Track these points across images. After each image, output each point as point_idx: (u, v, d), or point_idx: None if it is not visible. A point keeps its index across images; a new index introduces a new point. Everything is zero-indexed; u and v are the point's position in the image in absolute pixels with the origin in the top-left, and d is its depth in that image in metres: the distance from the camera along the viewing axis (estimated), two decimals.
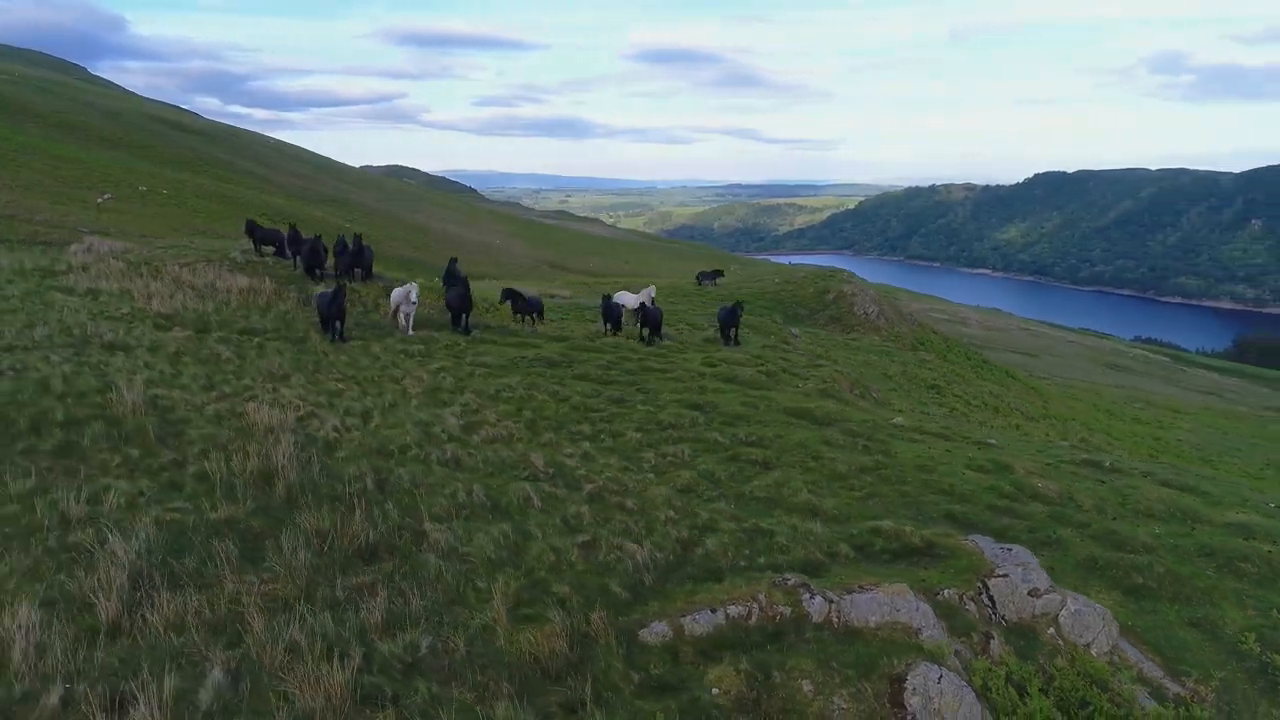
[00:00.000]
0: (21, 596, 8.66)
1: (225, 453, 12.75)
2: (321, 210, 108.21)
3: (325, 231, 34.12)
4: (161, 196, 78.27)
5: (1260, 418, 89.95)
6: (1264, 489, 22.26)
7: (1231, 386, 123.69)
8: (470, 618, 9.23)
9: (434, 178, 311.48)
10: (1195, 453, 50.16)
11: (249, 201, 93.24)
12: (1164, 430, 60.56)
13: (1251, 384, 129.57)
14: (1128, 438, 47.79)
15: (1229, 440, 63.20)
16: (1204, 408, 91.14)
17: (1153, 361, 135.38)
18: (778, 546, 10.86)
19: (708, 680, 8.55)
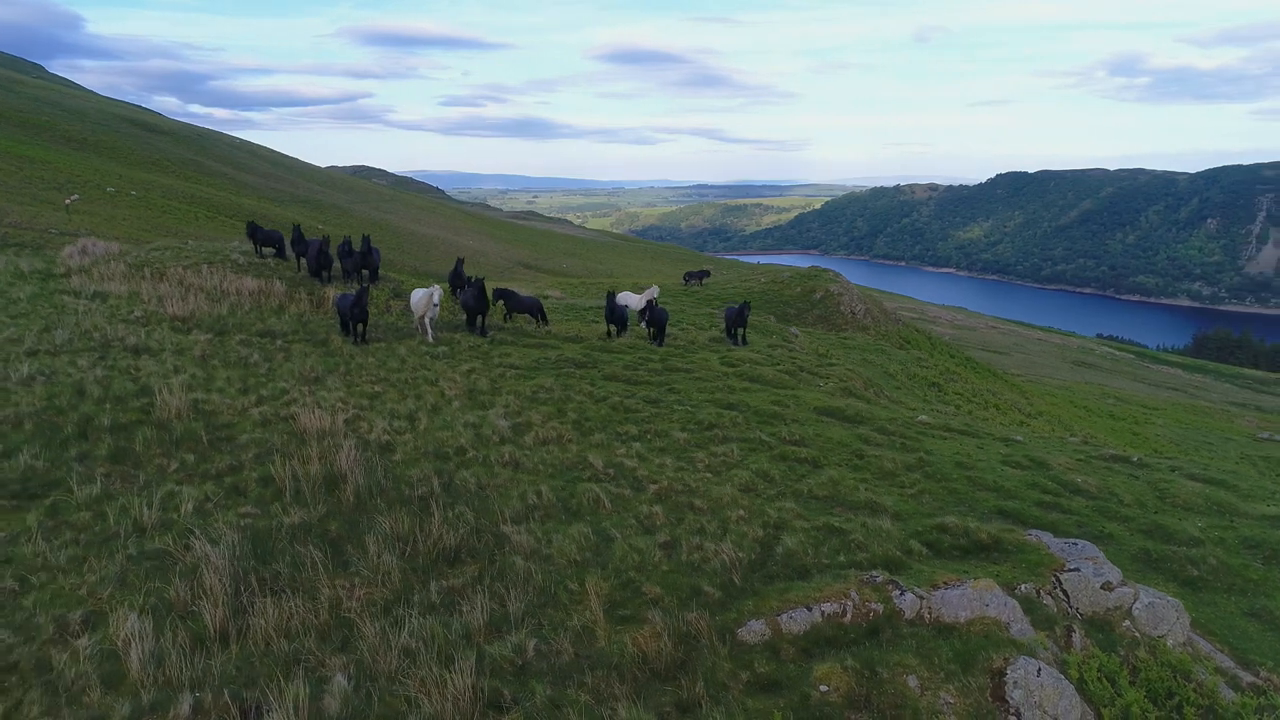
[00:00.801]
0: (120, 605, 8.52)
1: (281, 456, 12.63)
2: (293, 211, 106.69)
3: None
4: (130, 198, 76.80)
5: (1227, 412, 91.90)
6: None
7: (1195, 382, 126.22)
8: (567, 619, 9.22)
9: (400, 178, 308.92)
10: (1174, 448, 51.15)
11: (219, 203, 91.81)
12: (1140, 426, 61.64)
13: (1214, 380, 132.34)
14: (1109, 434, 48.60)
15: (1202, 435, 64.47)
16: (1172, 403, 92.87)
17: (1118, 358, 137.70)
18: (854, 544, 10.94)
19: (815, 677, 8.61)
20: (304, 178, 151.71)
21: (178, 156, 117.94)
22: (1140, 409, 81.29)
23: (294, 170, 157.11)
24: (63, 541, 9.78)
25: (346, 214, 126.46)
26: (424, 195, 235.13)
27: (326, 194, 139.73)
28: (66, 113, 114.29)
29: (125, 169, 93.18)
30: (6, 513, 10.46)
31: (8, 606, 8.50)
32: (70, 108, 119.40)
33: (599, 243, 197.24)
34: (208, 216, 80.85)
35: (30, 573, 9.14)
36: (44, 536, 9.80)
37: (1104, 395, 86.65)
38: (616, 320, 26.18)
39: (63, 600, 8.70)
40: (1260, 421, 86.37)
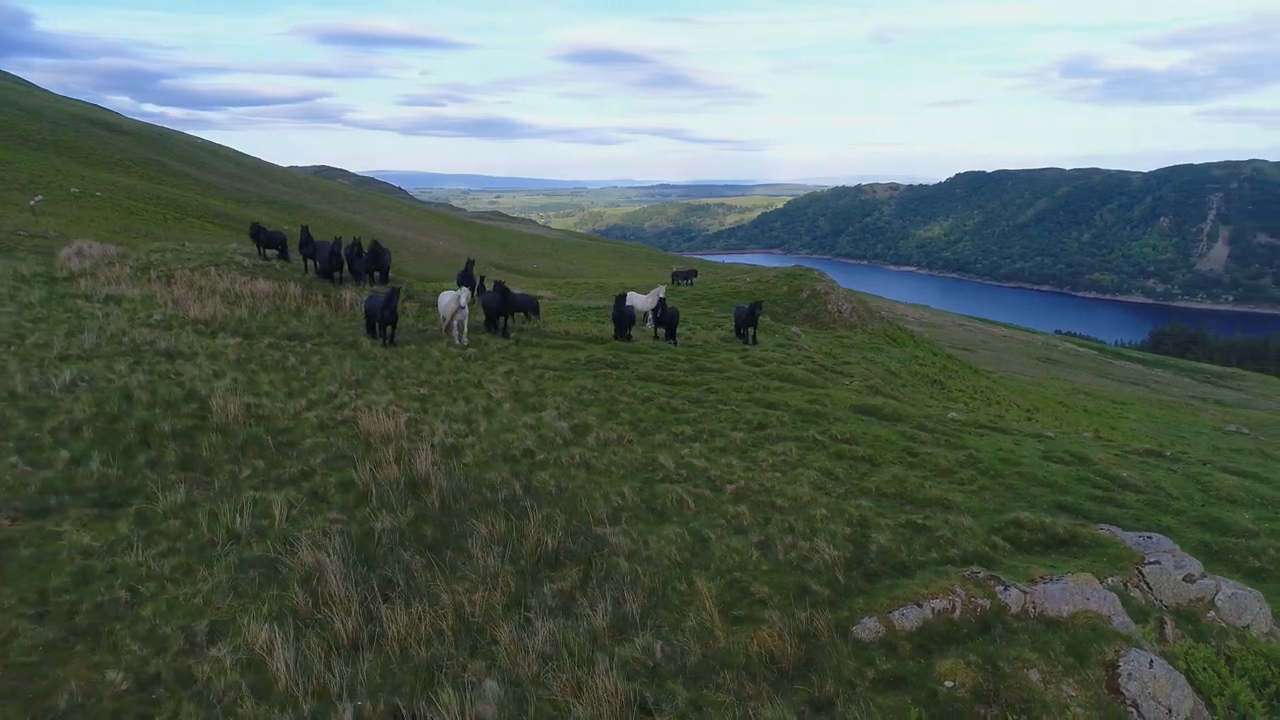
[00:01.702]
0: (243, 614, 8.40)
1: (352, 461, 12.52)
2: (259, 212, 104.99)
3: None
4: (95, 199, 75.25)
5: (1190, 406, 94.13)
6: None
7: (1155, 377, 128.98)
8: (682, 620, 9.24)
9: (362, 178, 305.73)
10: (1152, 442, 52.29)
11: (185, 203, 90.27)
12: (1116, 420, 62.87)
13: (1173, 374, 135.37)
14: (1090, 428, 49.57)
15: (1174, 429, 65.96)
16: (1138, 398, 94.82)
17: (1081, 355, 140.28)
18: (943, 541, 11.07)
19: (938, 673, 8.71)
20: (268, 178, 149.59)
21: (140, 157, 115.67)
22: (1110, 404, 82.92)
23: (257, 170, 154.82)
24: (160, 551, 9.59)
25: (313, 214, 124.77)
26: (388, 195, 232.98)
27: (292, 194, 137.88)
28: (23, 111, 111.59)
29: (88, 169, 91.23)
30: (92, 522, 10.23)
31: (127, 617, 8.33)
32: (26, 106, 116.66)
33: (567, 243, 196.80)
34: (175, 217, 79.49)
35: (138, 583, 8.95)
36: (141, 546, 9.59)
37: (1074, 391, 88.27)
38: (621, 321, 25.55)
39: (181, 610, 8.53)
40: (1223, 415, 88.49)
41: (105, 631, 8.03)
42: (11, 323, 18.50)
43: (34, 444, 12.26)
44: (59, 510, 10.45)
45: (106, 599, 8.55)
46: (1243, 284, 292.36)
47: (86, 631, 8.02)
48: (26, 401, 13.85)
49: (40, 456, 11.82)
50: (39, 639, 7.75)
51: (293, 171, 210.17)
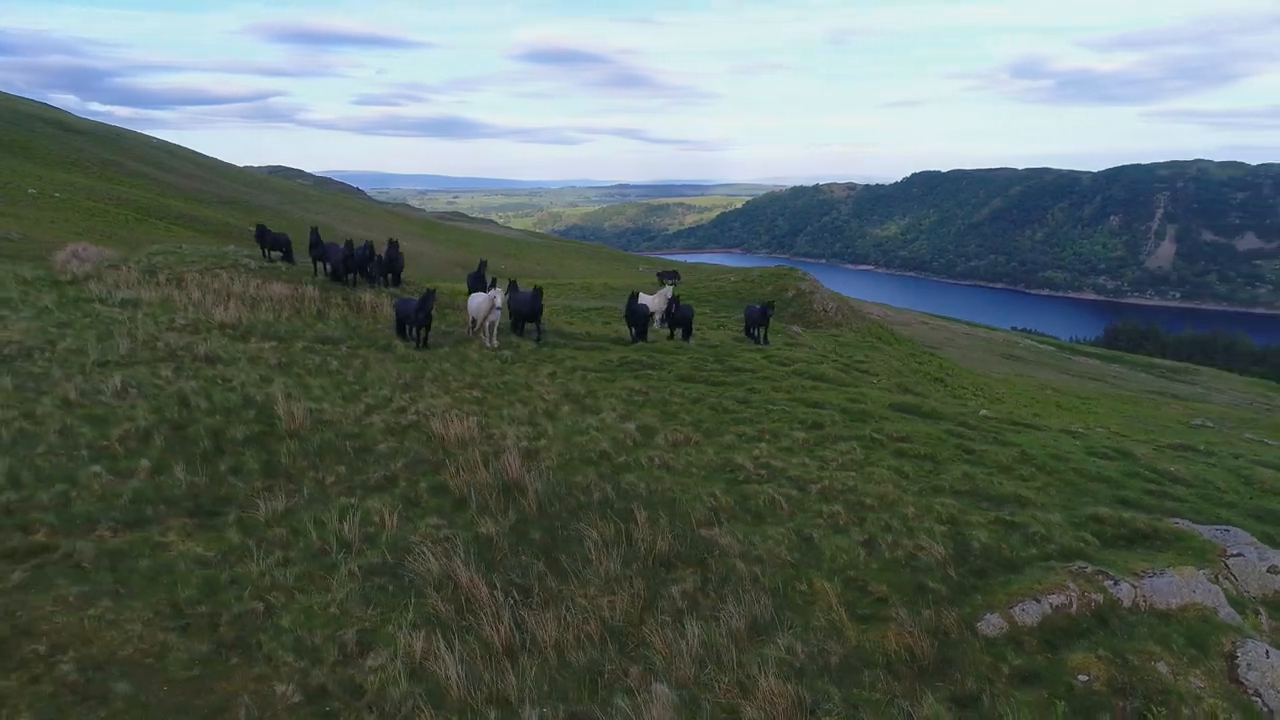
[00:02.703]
0: (387, 623, 8.29)
1: (428, 465, 12.41)
2: (221, 213, 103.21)
3: (234, 234, 31.95)
4: (54, 200, 73.43)
5: (1152, 400, 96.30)
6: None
7: (1113, 372, 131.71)
8: (810, 619, 9.29)
9: (319, 178, 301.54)
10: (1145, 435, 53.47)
11: (146, 204, 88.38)
12: (1087, 415, 64.31)
13: (1130, 370, 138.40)
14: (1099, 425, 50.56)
15: (1143, 424, 67.56)
16: (1101, 393, 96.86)
17: (1041, 351, 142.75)
18: (1037, 537, 11.23)
19: (1070, 667, 8.85)
20: (228, 178, 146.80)
21: (97, 157, 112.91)
22: (1077, 399, 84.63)
23: (217, 171, 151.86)
24: (276, 560, 9.43)
25: (278, 215, 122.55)
26: (348, 196, 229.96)
27: (253, 195, 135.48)
28: None
29: (44, 169, 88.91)
30: (196, 531, 10.03)
31: (268, 628, 8.17)
32: None
33: (530, 243, 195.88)
34: (137, 219, 77.90)
35: (265, 593, 8.79)
36: (257, 556, 9.41)
37: (1042, 387, 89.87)
38: (637, 321, 25.26)
39: (319, 620, 8.39)
40: (1184, 409, 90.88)
41: (254, 643, 7.87)
42: (36, 328, 17.99)
43: (107, 453, 11.97)
44: (157, 520, 10.23)
45: (242, 610, 8.38)
46: (1189, 281, 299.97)
47: (235, 644, 7.86)
48: (83, 409, 13.51)
49: (120, 465, 11.54)
50: (192, 652, 7.57)
51: (250, 172, 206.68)
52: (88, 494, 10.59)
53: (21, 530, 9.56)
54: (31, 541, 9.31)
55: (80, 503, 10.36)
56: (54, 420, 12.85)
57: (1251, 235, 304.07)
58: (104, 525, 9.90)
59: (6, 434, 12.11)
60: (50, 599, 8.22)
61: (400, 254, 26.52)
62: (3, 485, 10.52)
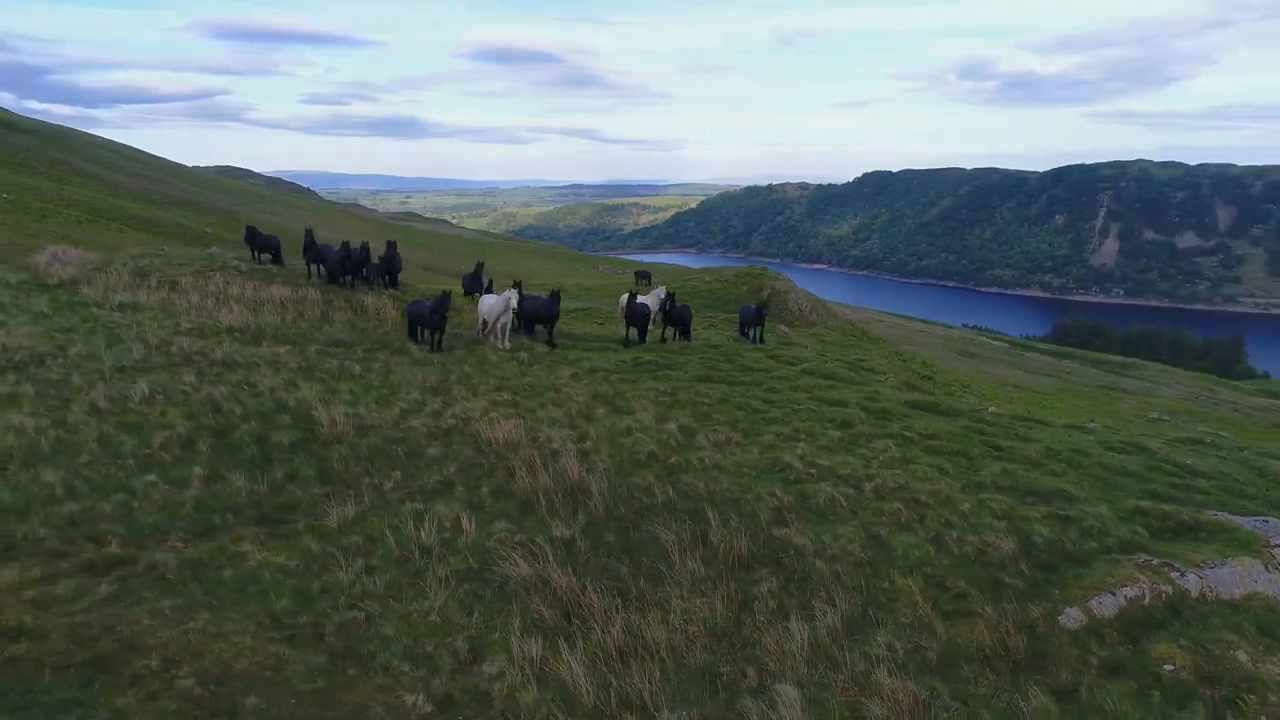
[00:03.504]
0: (490, 630, 8.21)
1: (481, 469, 12.31)
2: (173, 214, 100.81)
3: (188, 236, 31.46)
4: (2, 200, 71.30)
5: (1105, 394, 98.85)
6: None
7: (1065, 368, 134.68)
8: (897, 616, 9.37)
9: (269, 178, 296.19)
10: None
11: (97, 205, 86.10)
12: (1049, 411, 65.74)
13: (1080, 365, 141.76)
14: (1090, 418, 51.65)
15: (1105, 419, 69.25)
16: (1057, 389, 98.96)
17: (996, 348, 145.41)
18: (1094, 531, 11.46)
19: (1154, 657, 9.06)
20: (179, 179, 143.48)
21: (44, 156, 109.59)
22: (1036, 395, 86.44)
23: (167, 171, 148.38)
24: (361, 568, 9.27)
25: (231, 216, 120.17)
26: (301, 196, 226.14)
27: (206, 195, 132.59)
28: None
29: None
30: (269, 540, 9.82)
31: (374, 638, 8.03)
32: None
33: (489, 244, 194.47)
34: (89, 220, 75.86)
35: (359, 601, 8.64)
36: (342, 564, 9.25)
37: (1001, 383, 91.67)
38: (637, 322, 25.10)
39: (423, 628, 8.28)
40: (1137, 403, 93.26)
41: (365, 653, 7.73)
42: (40, 334, 17.45)
43: (154, 461, 11.67)
44: (226, 529, 10.00)
45: (343, 620, 8.23)
46: (1132, 278, 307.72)
47: (346, 654, 7.71)
48: (115, 416, 13.15)
49: (172, 474, 11.26)
50: (309, 664, 7.41)
51: (199, 172, 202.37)
52: (149, 504, 10.31)
53: (93, 542, 9.28)
54: (107, 553, 9.04)
55: (144, 513, 10.09)
56: (89, 428, 12.48)
57: (1191, 234, 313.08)
58: (174, 535, 9.65)
59: (46, 443, 11.73)
60: (145, 612, 7.98)
61: (398, 255, 26.19)
62: (61, 496, 10.20)
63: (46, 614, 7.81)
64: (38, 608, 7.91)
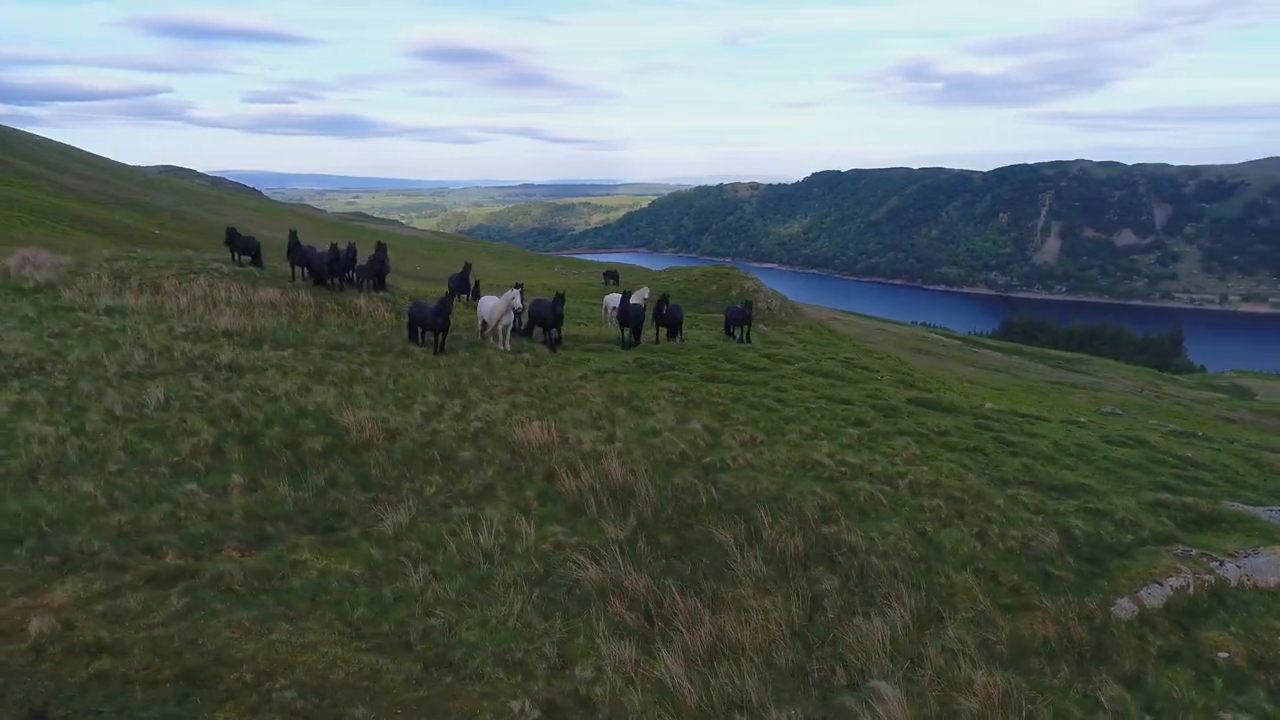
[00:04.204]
0: (574, 634, 8.18)
1: (518, 472, 12.23)
2: (120, 214, 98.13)
3: (135, 237, 30.78)
4: None
5: (1057, 389, 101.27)
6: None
7: (1015, 364, 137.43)
8: (956, 611, 9.52)
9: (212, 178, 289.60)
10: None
11: (41, 206, 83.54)
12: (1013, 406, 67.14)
13: (1029, 361, 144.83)
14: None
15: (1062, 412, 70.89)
16: (1010, 384, 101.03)
17: (948, 344, 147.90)
18: (1126, 523, 11.76)
19: (1207, 645, 9.35)
20: (124, 179, 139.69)
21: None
22: (990, 389, 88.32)
23: (110, 171, 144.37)
24: (427, 574, 9.14)
25: (179, 216, 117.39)
26: (248, 196, 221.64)
27: (153, 196, 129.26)
28: None
29: None
30: (326, 548, 9.65)
31: (459, 645, 7.93)
32: None
33: (442, 244, 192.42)
34: (33, 221, 73.57)
35: (433, 608, 8.53)
36: (411, 571, 9.12)
37: (959, 379, 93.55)
38: (632, 323, 25.04)
39: (505, 633, 8.19)
40: (1088, 398, 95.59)
41: (455, 660, 7.64)
42: (33, 339, 16.94)
43: (188, 469, 11.40)
44: (279, 537, 9.82)
45: (425, 626, 8.12)
46: (1074, 275, 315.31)
47: (436, 661, 7.61)
48: (134, 424, 12.82)
49: (210, 482, 11.03)
50: (404, 673, 7.31)
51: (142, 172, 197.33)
52: (196, 513, 10.07)
53: (149, 554, 9.04)
54: (166, 565, 8.81)
55: (193, 523, 9.85)
56: (111, 436, 12.15)
57: (1128, 232, 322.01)
58: (229, 545, 9.45)
59: (73, 452, 11.39)
60: (222, 624, 7.80)
61: (387, 258, 25.87)
62: (105, 506, 9.92)
63: (122, 629, 7.60)
64: (111, 622, 7.69)
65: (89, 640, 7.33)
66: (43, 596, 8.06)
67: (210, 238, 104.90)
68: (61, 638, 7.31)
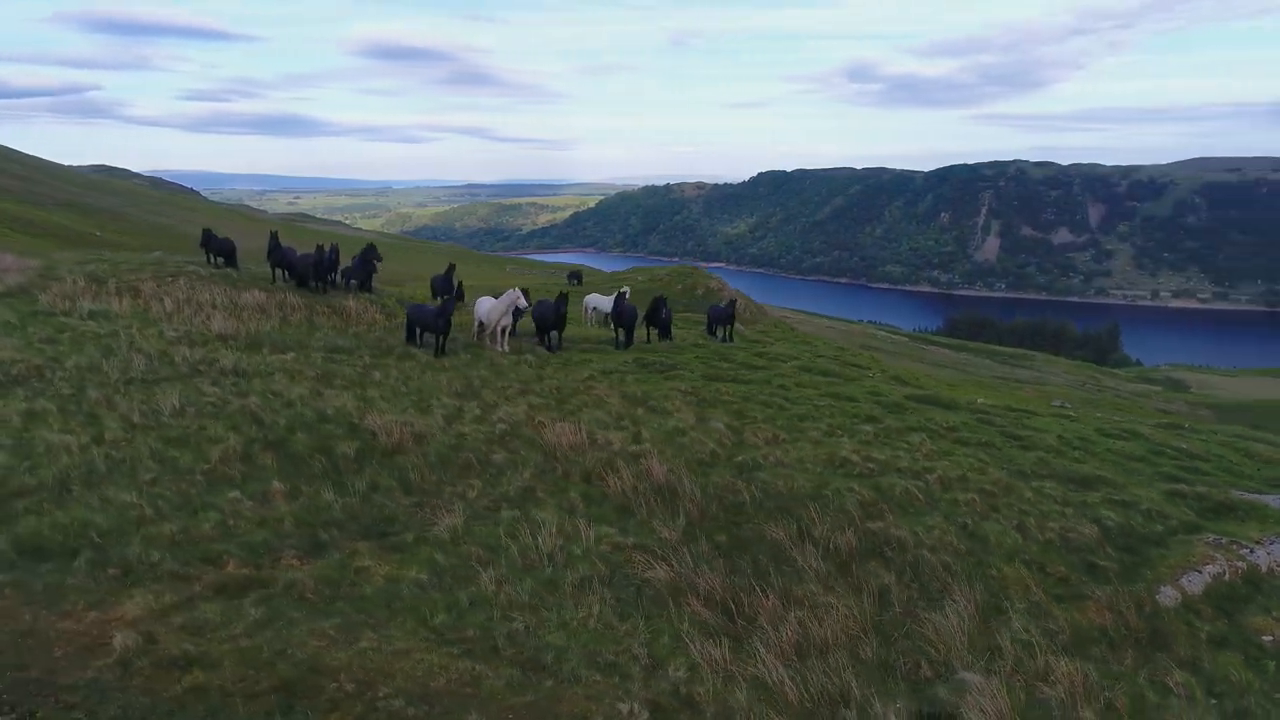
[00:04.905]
0: (659, 635, 8.19)
1: (553, 474, 12.20)
2: (59, 216, 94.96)
3: (73, 239, 30.10)
4: None
5: (1004, 384, 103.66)
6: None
7: (963, 360, 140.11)
8: (1011, 602, 9.72)
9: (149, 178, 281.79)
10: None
11: None
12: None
13: (975, 357, 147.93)
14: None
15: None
16: (961, 380, 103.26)
17: (897, 341, 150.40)
18: (1153, 514, 12.13)
19: (1251, 629, 9.70)
20: (59, 179, 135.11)
21: None
22: (944, 386, 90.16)
23: (45, 171, 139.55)
24: (495, 578, 9.05)
25: (120, 218, 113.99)
26: (188, 197, 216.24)
27: (92, 197, 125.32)
28: None
29: None
30: (384, 553, 9.50)
31: (546, 648, 7.86)
32: None
33: (392, 244, 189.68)
34: None
35: (510, 612, 8.45)
36: (482, 575, 9.03)
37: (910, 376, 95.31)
38: (625, 323, 25.00)
39: (587, 635, 8.14)
40: (1036, 392, 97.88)
41: (548, 663, 7.56)
42: (22, 344, 16.38)
43: (224, 477, 11.13)
44: (334, 544, 9.64)
45: (508, 630, 8.04)
46: (1013, 273, 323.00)
47: (530, 665, 7.54)
48: (154, 431, 12.48)
49: (251, 489, 10.77)
50: (504, 678, 7.23)
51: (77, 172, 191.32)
52: (245, 521, 9.84)
53: (209, 563, 8.81)
54: (231, 574, 8.60)
55: (245, 531, 9.62)
56: (134, 445, 11.80)
57: (1065, 230, 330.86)
58: (287, 553, 9.25)
59: (101, 462, 11.04)
60: (305, 633, 7.64)
61: (374, 260, 25.52)
62: (151, 516, 9.64)
63: (205, 641, 7.40)
64: (192, 634, 7.48)
65: (175, 653, 7.13)
66: (114, 609, 7.82)
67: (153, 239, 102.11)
68: (146, 651, 7.10)
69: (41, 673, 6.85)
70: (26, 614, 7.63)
